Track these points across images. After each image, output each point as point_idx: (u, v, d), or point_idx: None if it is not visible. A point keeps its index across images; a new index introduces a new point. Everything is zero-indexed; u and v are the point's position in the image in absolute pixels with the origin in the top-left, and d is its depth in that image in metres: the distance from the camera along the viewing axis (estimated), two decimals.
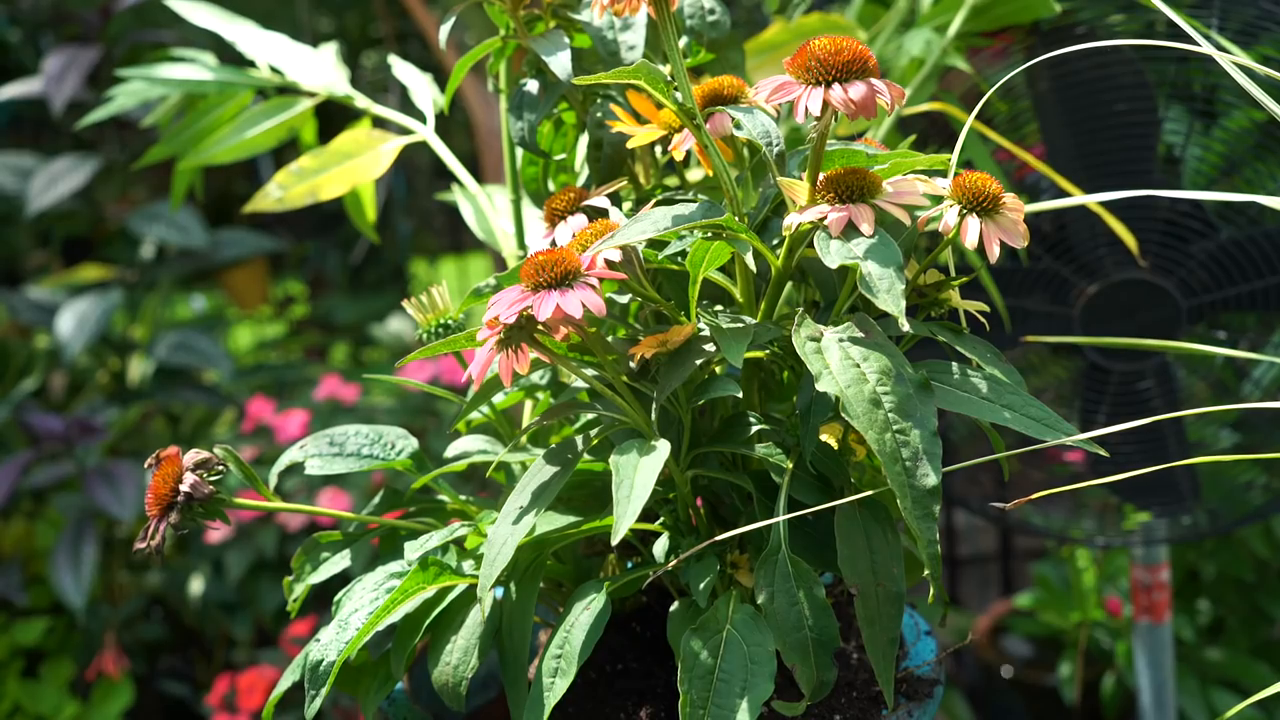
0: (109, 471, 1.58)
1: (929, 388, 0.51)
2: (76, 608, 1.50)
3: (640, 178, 0.73)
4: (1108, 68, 0.88)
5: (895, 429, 0.50)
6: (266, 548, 1.62)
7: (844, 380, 0.51)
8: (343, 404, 1.81)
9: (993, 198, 0.55)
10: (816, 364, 0.52)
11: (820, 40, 0.53)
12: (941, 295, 0.60)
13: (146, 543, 0.58)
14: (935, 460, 0.49)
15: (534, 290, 0.54)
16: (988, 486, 0.97)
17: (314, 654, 0.59)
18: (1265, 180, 0.90)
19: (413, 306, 0.71)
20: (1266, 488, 0.95)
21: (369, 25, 2.69)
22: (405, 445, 0.69)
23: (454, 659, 0.60)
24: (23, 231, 1.97)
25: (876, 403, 0.50)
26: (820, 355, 0.52)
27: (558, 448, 0.61)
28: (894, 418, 0.50)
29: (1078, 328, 0.90)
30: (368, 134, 0.85)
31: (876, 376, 0.51)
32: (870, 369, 0.51)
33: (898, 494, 0.49)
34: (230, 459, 0.62)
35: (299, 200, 0.84)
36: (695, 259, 0.58)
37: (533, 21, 0.70)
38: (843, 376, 0.51)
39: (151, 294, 1.90)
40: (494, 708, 0.75)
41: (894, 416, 0.50)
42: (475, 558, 0.63)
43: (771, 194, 0.61)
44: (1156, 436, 0.92)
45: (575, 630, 0.56)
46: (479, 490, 1.32)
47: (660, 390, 0.57)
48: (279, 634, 1.67)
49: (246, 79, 0.91)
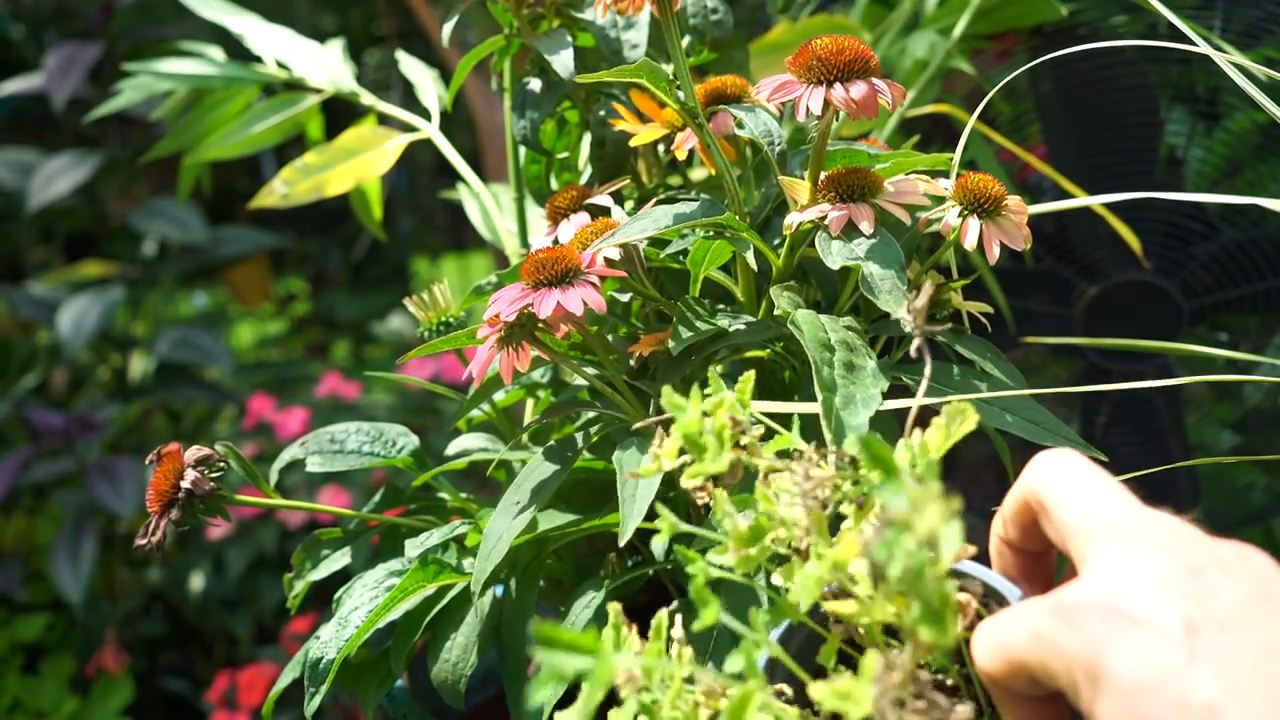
0: (110, 468, 1.58)
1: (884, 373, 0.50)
2: (75, 603, 1.50)
3: (643, 176, 0.73)
4: (1110, 69, 0.88)
5: (839, 367, 0.49)
6: (267, 545, 1.62)
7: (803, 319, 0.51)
8: (344, 401, 1.81)
9: (994, 199, 0.55)
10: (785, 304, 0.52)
11: (822, 40, 0.53)
12: (943, 296, 0.60)
13: (147, 539, 0.58)
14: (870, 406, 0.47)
15: (535, 288, 0.54)
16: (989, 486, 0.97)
17: (314, 651, 0.59)
18: (1267, 182, 0.90)
19: (414, 304, 0.71)
20: (1267, 489, 0.95)
21: (372, 23, 2.69)
22: (406, 443, 0.69)
23: (454, 656, 0.60)
24: (24, 228, 1.97)
25: (828, 347, 0.49)
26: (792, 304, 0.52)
27: (557, 445, 0.61)
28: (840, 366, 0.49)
29: (1079, 329, 0.90)
30: (373, 131, 0.85)
31: (838, 339, 0.50)
32: (834, 336, 0.51)
33: (824, 419, 0.46)
34: (231, 456, 0.62)
35: (304, 196, 0.84)
36: (696, 258, 0.58)
37: (536, 20, 0.70)
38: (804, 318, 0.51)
39: (153, 290, 1.90)
40: (493, 705, 0.75)
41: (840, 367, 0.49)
42: (475, 555, 0.63)
43: (773, 193, 0.61)
44: (1158, 437, 0.92)
45: (575, 629, 0.57)
46: (480, 488, 1.32)
47: (659, 387, 0.57)
48: (279, 631, 1.68)
49: (253, 74, 0.91)
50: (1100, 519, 0.33)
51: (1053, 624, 0.30)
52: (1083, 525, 0.33)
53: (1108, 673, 0.28)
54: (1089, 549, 0.32)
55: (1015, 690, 0.33)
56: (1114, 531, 0.32)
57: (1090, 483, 0.34)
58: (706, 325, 0.56)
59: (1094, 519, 0.33)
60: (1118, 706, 0.28)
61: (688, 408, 0.38)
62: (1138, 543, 0.31)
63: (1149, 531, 0.32)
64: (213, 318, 2.23)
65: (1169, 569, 0.30)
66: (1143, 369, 0.90)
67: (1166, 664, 0.28)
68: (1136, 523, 0.32)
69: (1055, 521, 0.34)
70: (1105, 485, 0.34)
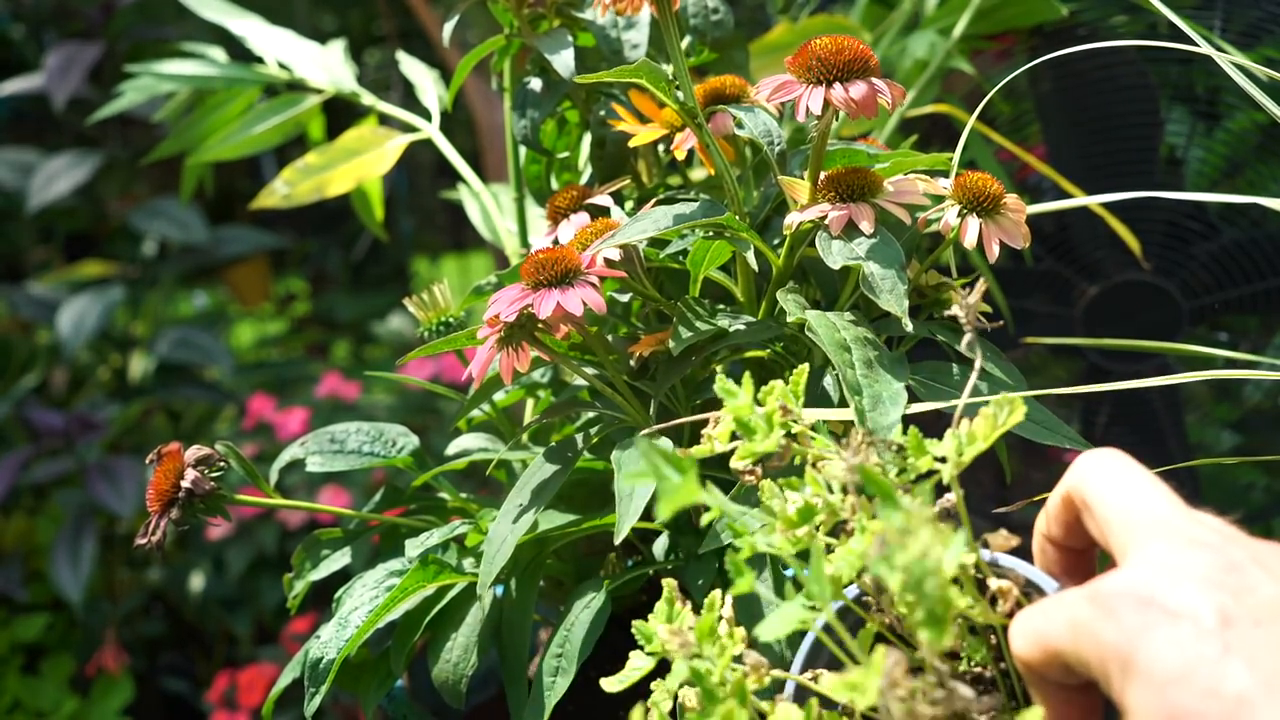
0: (110, 468, 1.58)
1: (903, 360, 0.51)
2: (75, 603, 1.50)
3: (643, 176, 0.73)
4: (1110, 69, 0.88)
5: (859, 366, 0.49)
6: (267, 544, 1.62)
7: (817, 321, 0.51)
8: (344, 401, 1.81)
9: (993, 198, 0.55)
10: (794, 308, 0.52)
11: (822, 40, 0.53)
12: (943, 295, 0.60)
13: (147, 539, 0.58)
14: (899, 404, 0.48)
15: (534, 288, 0.54)
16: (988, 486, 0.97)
17: (314, 651, 0.59)
18: (1267, 182, 0.90)
19: (414, 304, 0.71)
20: (1267, 489, 0.95)
21: (372, 23, 2.69)
22: (406, 443, 0.69)
23: (454, 656, 0.60)
24: (24, 227, 1.97)
25: (845, 347, 0.50)
26: (800, 308, 0.53)
27: (558, 446, 0.61)
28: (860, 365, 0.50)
29: (1079, 329, 0.89)
30: (374, 131, 0.85)
31: (851, 336, 0.51)
32: (847, 334, 0.51)
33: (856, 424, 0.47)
34: (231, 455, 0.62)
35: (305, 197, 0.84)
36: (696, 258, 0.58)
37: (536, 20, 0.70)
38: (817, 320, 0.51)
39: (153, 290, 1.90)
40: (493, 705, 0.75)
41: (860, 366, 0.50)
42: (475, 555, 0.63)
43: (773, 193, 0.61)
44: (1157, 437, 0.92)
45: (576, 629, 0.57)
46: (480, 488, 1.32)
47: (658, 387, 0.57)
48: (279, 631, 1.68)
49: (254, 75, 0.91)
50: (1141, 515, 0.33)
51: (1090, 612, 0.31)
52: (1124, 521, 0.33)
53: (1140, 662, 0.28)
54: (1130, 544, 0.33)
55: (1050, 678, 0.33)
56: (1155, 527, 0.32)
57: (1133, 480, 0.35)
58: (706, 325, 0.56)
59: (1135, 515, 0.33)
60: (1149, 695, 0.28)
61: (739, 393, 0.39)
62: (1177, 538, 0.31)
63: (1189, 528, 0.32)
64: (213, 318, 2.23)
65: (1207, 564, 0.30)
66: (1143, 369, 0.90)
67: (1200, 655, 0.28)
68: (1177, 520, 0.32)
69: (1097, 518, 0.35)
70: (1148, 483, 0.34)
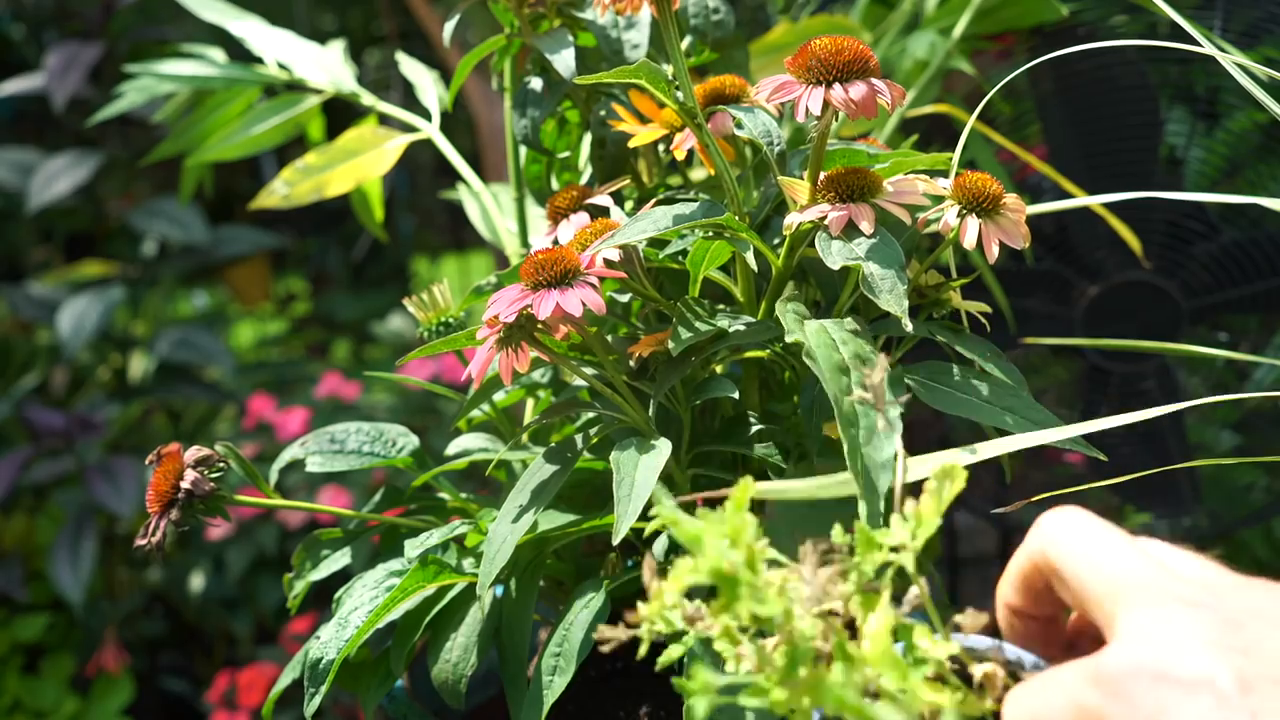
0: (110, 468, 1.58)
1: (901, 382, 0.51)
2: (75, 603, 1.50)
3: (643, 176, 0.73)
4: (1110, 69, 0.88)
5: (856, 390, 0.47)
6: (267, 545, 1.62)
7: (815, 341, 0.49)
8: (344, 401, 1.81)
9: (993, 198, 0.55)
10: (792, 324, 0.51)
11: (822, 40, 0.53)
12: (943, 295, 0.60)
13: (147, 539, 0.58)
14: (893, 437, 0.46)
15: (534, 289, 0.54)
16: (988, 486, 0.97)
17: (314, 651, 0.59)
18: (1267, 182, 0.90)
19: (414, 304, 0.71)
20: (1268, 489, 0.95)
21: (372, 23, 2.69)
22: (406, 443, 0.69)
23: (454, 656, 0.60)
24: (24, 227, 1.97)
25: (844, 370, 0.48)
26: (799, 323, 0.51)
27: (558, 446, 0.61)
28: (859, 389, 0.48)
29: (1079, 329, 0.89)
30: (373, 131, 0.85)
31: (850, 353, 0.49)
32: (847, 350, 0.50)
33: (848, 459, 0.45)
34: (231, 456, 0.62)
35: (305, 197, 0.84)
36: (696, 258, 0.58)
37: (537, 20, 0.70)
38: (815, 339, 0.50)
39: (153, 290, 1.90)
40: (493, 705, 0.75)
41: (859, 389, 0.48)
42: (475, 556, 0.63)
43: (773, 193, 0.61)
44: (1157, 438, 0.92)
45: (575, 628, 0.57)
46: (480, 488, 1.32)
47: (658, 387, 0.57)
48: (279, 631, 1.68)
49: (254, 75, 0.91)
50: (1121, 579, 0.32)
51: (1098, 697, 0.29)
52: (1104, 588, 0.32)
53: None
54: (1116, 613, 0.31)
55: None
56: (1138, 591, 0.31)
57: (1103, 541, 0.33)
58: (706, 326, 0.56)
59: (1114, 580, 0.32)
60: None
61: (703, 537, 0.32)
62: (1167, 600, 0.30)
63: (1175, 587, 0.31)
64: (213, 318, 2.23)
65: (1207, 625, 0.29)
66: (1143, 369, 0.90)
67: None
68: (1161, 580, 0.31)
69: (1071, 585, 0.33)
70: (1120, 543, 0.33)
